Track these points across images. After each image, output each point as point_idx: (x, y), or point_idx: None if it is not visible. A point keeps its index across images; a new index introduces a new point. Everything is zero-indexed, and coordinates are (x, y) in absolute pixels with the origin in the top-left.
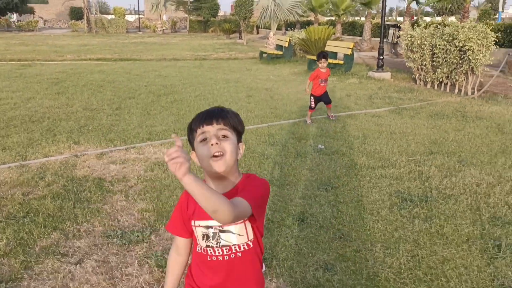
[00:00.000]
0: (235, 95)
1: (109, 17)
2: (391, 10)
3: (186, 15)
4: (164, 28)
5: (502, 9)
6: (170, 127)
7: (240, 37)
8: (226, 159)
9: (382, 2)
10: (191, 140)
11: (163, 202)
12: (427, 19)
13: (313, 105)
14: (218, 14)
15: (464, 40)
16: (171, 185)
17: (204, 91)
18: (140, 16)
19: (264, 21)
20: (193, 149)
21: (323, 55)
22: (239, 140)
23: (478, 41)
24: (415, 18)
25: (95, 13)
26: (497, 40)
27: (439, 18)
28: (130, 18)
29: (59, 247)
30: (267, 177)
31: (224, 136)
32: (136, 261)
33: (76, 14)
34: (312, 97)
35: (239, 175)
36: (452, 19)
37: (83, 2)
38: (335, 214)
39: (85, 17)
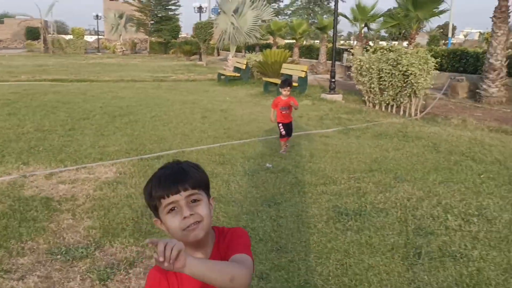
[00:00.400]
0: (190, 116)
1: (67, 37)
2: (350, 34)
3: (147, 37)
4: (124, 49)
5: (452, 35)
6: (123, 147)
7: (200, 59)
8: (203, 224)
9: (333, 28)
10: (151, 206)
11: (110, 220)
12: (383, 43)
13: (283, 132)
14: (180, 36)
15: (407, 65)
16: (119, 203)
17: (160, 112)
18: (100, 37)
19: (223, 43)
20: (156, 216)
21: (288, 82)
22: (208, 193)
23: (420, 66)
24: (370, 42)
25: (53, 33)
26: (436, 66)
27: (383, 43)
28: (90, 38)
29: (2, 264)
30: (214, 194)
31: (196, 200)
32: (79, 275)
33: (32, 34)
34: (280, 125)
35: (211, 232)
36: (406, 44)
37: (40, 22)
38: (275, 228)
39: (41, 37)
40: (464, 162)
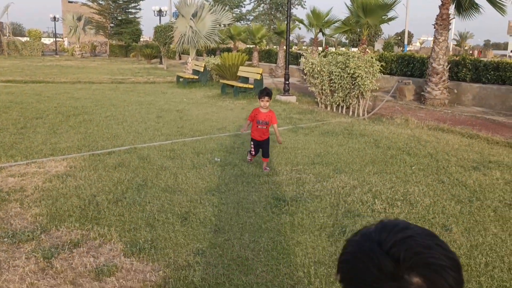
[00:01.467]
0: (145, 116)
1: (24, 39)
2: (312, 39)
3: (107, 39)
4: (83, 52)
5: (409, 42)
6: (75, 144)
7: (161, 62)
8: None
9: (287, 32)
10: None
11: (58, 208)
12: (343, 49)
13: (252, 151)
14: (141, 39)
15: (354, 68)
16: (67, 194)
17: (115, 112)
18: (58, 39)
19: (182, 46)
20: None
21: (267, 92)
22: None
23: (366, 69)
24: (331, 48)
25: (8, 35)
26: (381, 69)
27: (332, 49)
28: (48, 41)
29: None
30: (161, 185)
31: None
32: (24, 255)
33: None
34: (252, 142)
35: None
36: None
37: None
38: (215, 213)
39: None
40: (400, 156)
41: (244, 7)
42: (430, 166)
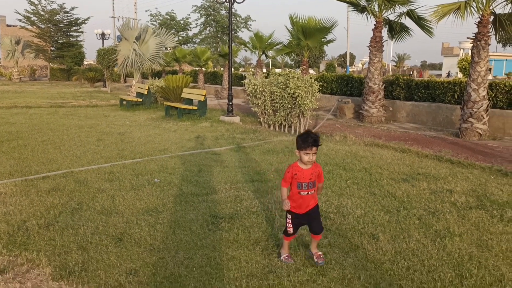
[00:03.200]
0: (85, 139)
1: None
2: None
3: (47, 63)
4: (21, 76)
5: (352, 63)
6: (6, 169)
7: (105, 86)
8: None
9: (229, 53)
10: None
11: None
12: (291, 70)
13: (290, 229)
14: (85, 62)
15: (294, 88)
16: None
17: (53, 136)
18: None
19: (126, 69)
20: None
21: (314, 139)
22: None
23: (305, 89)
24: (277, 70)
25: None
26: (319, 89)
27: (278, 70)
28: None
29: None
30: (97, 208)
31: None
32: None
33: None
34: (289, 216)
35: None
36: (311, 71)
37: None
38: (151, 232)
39: None
40: (336, 171)
41: (191, 30)
42: (364, 180)
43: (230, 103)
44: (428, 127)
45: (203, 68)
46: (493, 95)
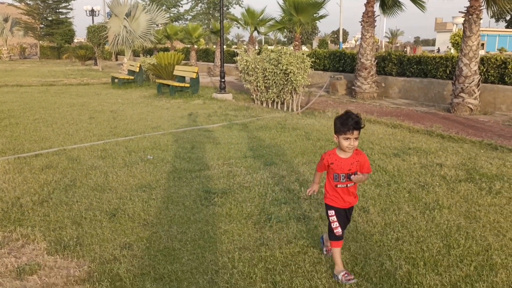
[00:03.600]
0: (77, 117)
1: None
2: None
3: (37, 41)
4: (11, 54)
5: (342, 40)
6: None
7: (96, 64)
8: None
9: (220, 30)
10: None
11: None
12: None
13: (337, 229)
14: (75, 40)
15: (286, 64)
16: None
17: (45, 115)
18: None
19: (117, 47)
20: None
21: (355, 121)
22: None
23: (297, 65)
24: (269, 47)
25: None
26: (312, 64)
27: (271, 47)
28: None
29: None
30: (90, 184)
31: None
32: None
33: None
34: (330, 212)
35: None
36: (304, 48)
37: None
38: (144, 208)
39: None
40: (328, 147)
41: (182, 6)
42: None
43: (223, 80)
44: (420, 102)
45: (195, 45)
46: (484, 69)
